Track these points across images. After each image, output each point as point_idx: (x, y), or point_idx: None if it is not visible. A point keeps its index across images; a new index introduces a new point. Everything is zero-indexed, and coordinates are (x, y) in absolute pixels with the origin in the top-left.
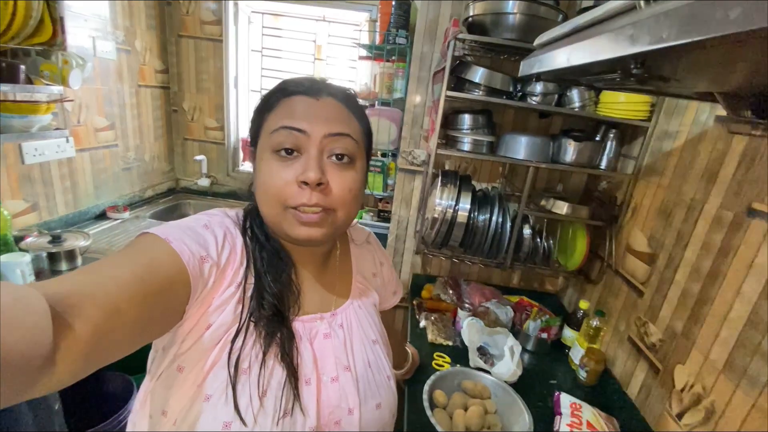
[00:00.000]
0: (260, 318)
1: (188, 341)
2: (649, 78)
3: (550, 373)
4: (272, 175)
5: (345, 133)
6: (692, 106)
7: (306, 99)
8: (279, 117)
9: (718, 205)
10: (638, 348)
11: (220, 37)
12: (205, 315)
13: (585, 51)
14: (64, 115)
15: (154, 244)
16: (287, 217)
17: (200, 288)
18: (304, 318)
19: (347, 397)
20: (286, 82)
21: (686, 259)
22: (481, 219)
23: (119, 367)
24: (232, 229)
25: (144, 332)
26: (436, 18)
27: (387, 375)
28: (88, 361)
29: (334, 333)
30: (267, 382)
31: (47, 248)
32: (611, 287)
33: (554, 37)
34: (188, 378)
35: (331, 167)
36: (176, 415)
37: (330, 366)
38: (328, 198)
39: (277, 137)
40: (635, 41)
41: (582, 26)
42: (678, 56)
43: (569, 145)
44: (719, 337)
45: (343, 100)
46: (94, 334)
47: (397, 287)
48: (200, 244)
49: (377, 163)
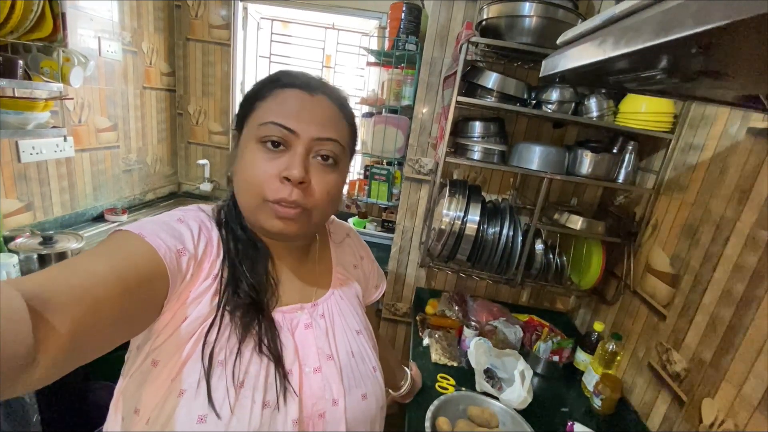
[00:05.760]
0: (236, 307)
1: (163, 335)
2: (701, 73)
3: (562, 399)
4: (256, 166)
5: (334, 139)
6: (720, 117)
7: (300, 94)
8: (270, 109)
9: (752, 223)
10: (660, 376)
11: (228, 41)
12: (182, 308)
13: (630, 38)
14: (65, 113)
15: (129, 240)
16: (265, 209)
17: (179, 281)
18: (283, 309)
19: (331, 387)
20: (282, 73)
21: (715, 282)
22: (491, 232)
23: (104, 376)
24: (207, 222)
25: (124, 328)
26: (447, 21)
27: (372, 366)
28: (69, 358)
29: (316, 323)
30: (244, 373)
31: (37, 250)
32: (628, 309)
33: (582, 33)
34: (162, 372)
35: (315, 167)
36: (149, 413)
37: (312, 356)
38: (307, 197)
39: (265, 130)
40: (703, 18)
41: (622, 15)
42: (755, 34)
43: (586, 157)
44: (754, 369)
45: (337, 100)
46: (74, 330)
47: (379, 281)
48: (176, 237)
49: (382, 171)
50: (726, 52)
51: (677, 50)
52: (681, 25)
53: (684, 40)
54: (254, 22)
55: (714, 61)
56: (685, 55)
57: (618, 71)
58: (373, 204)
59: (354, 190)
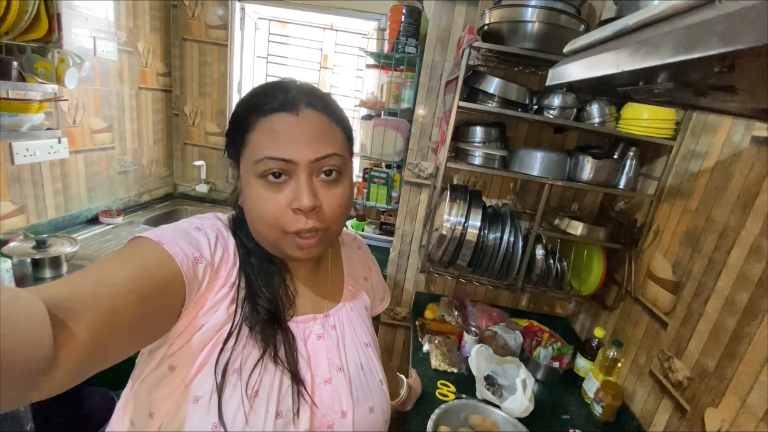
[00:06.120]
0: (255, 323)
1: (179, 342)
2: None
3: (562, 406)
4: (265, 203)
5: (331, 153)
6: (723, 125)
7: (285, 117)
8: (261, 143)
9: (757, 232)
10: (661, 384)
11: (225, 41)
12: (198, 316)
13: (648, 52)
14: (59, 115)
15: (147, 247)
16: (287, 241)
17: (195, 289)
18: (297, 319)
19: (340, 399)
20: (258, 98)
21: (719, 290)
22: (492, 238)
23: (99, 382)
24: (224, 232)
25: (142, 334)
26: (448, 26)
27: (379, 379)
28: (88, 363)
29: (327, 334)
30: (259, 382)
31: (31, 254)
32: (629, 315)
33: (591, 42)
34: (177, 378)
35: (322, 186)
36: (163, 417)
37: (323, 367)
38: (322, 220)
39: (263, 165)
40: (732, 38)
41: (635, 27)
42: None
43: (587, 163)
44: (759, 380)
45: (323, 109)
46: (93, 336)
47: (384, 294)
48: (193, 245)
49: (381, 174)
50: (746, 69)
51: (698, 68)
52: (705, 43)
53: (708, 58)
54: (252, 22)
55: (731, 76)
56: (704, 72)
57: (629, 83)
58: (372, 207)
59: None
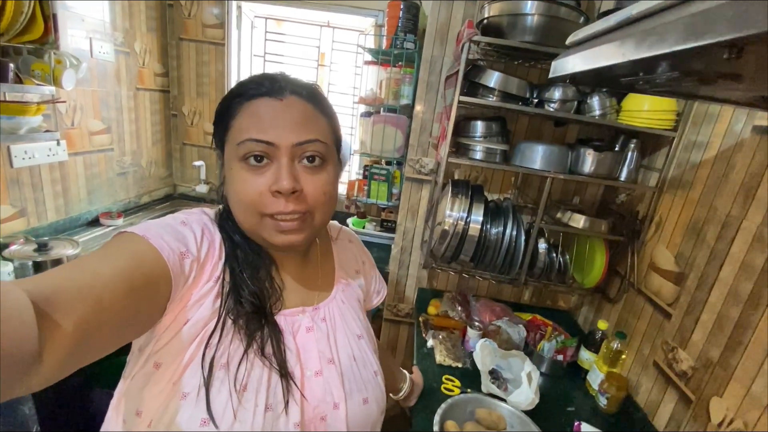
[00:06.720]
0: (239, 315)
1: (165, 338)
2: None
3: (567, 398)
4: (245, 185)
5: (314, 139)
6: (725, 115)
7: (269, 102)
8: (244, 126)
9: (759, 222)
10: (666, 375)
11: (222, 41)
12: (183, 311)
13: (654, 41)
14: (57, 117)
15: (133, 241)
16: (266, 225)
17: (181, 283)
18: (285, 312)
19: (332, 391)
20: (244, 85)
21: (722, 280)
22: (494, 232)
23: (106, 384)
24: (210, 226)
25: (127, 328)
26: (447, 20)
27: (374, 370)
28: (73, 358)
29: (317, 326)
30: (247, 377)
31: (32, 257)
32: (632, 307)
33: (595, 33)
34: (164, 375)
35: (304, 171)
36: (152, 415)
37: (313, 360)
38: (303, 203)
39: (244, 148)
40: (742, 24)
41: (639, 16)
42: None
43: (588, 156)
44: (763, 369)
45: (308, 97)
46: (79, 329)
47: (380, 287)
48: (179, 240)
49: (382, 171)
50: (755, 55)
51: (706, 55)
52: (713, 30)
53: (716, 45)
54: (248, 20)
55: (737, 63)
56: (712, 60)
57: (633, 73)
58: (372, 204)
59: (353, 190)
